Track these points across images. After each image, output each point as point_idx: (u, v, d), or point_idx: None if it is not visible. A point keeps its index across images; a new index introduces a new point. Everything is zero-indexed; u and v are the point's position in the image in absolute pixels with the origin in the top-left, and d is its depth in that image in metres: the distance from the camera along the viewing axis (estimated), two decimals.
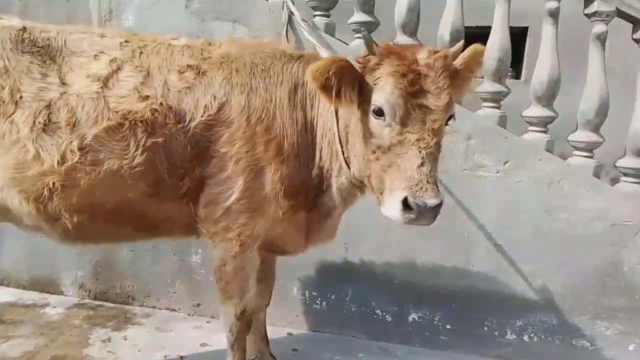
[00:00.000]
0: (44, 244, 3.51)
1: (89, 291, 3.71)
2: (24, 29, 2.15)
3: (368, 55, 1.89)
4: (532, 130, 3.06)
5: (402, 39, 3.10)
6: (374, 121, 1.85)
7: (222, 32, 3.30)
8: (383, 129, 1.82)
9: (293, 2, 3.18)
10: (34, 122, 2.00)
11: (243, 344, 2.39)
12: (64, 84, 2.06)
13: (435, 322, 3.18)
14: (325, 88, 1.87)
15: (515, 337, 3.08)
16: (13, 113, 2.01)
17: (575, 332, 3.02)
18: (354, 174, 2.09)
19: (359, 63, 1.89)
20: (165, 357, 2.96)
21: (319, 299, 3.34)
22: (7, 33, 2.11)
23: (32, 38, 2.12)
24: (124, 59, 2.16)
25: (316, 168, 2.21)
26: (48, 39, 2.14)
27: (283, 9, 3.21)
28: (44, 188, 2.03)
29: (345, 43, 3.19)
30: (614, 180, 3.10)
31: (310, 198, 2.24)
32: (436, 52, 1.89)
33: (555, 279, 3.00)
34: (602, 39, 2.88)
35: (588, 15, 2.95)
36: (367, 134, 1.88)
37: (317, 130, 2.22)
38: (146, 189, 2.11)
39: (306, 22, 3.15)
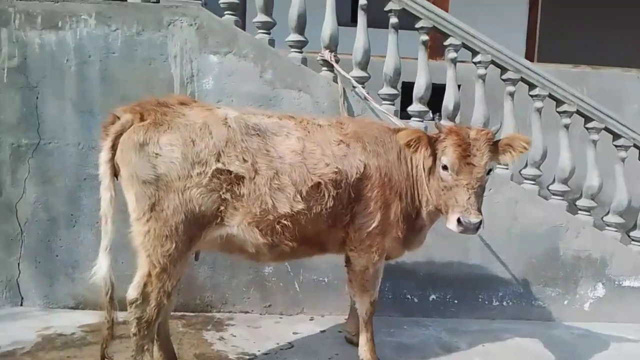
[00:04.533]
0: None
1: None
2: (241, 116, 3.09)
3: (438, 132, 3.19)
4: (500, 167, 4.68)
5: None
6: (442, 172, 3.14)
7: (289, 98, 4.37)
8: (448, 177, 3.11)
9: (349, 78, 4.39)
10: (270, 184, 2.98)
11: (372, 322, 3.57)
12: (280, 157, 3.06)
13: (447, 299, 4.64)
14: (408, 145, 3.17)
15: (498, 303, 4.67)
16: (254, 178, 2.97)
17: (533, 296, 4.70)
18: (434, 203, 3.37)
19: (433, 136, 3.20)
20: (278, 344, 3.96)
21: None
22: (237, 122, 3.03)
23: (249, 124, 3.07)
24: (304, 137, 3.20)
25: (416, 201, 3.47)
26: (257, 124, 3.11)
27: (337, 82, 4.40)
28: (277, 226, 3.02)
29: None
30: (545, 198, 4.85)
31: (412, 222, 3.51)
32: (482, 130, 3.26)
33: (520, 262, 4.65)
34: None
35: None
36: (439, 179, 3.18)
37: (414, 178, 3.47)
38: (330, 222, 3.19)
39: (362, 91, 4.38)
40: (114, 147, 2.91)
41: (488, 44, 4.47)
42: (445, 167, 3.12)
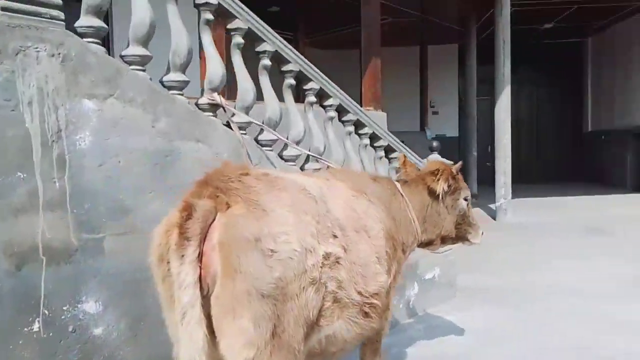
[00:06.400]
0: None
1: None
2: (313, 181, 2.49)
3: (458, 170, 3.51)
4: None
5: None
6: (463, 203, 3.53)
7: (189, 152, 3.49)
8: (466, 206, 3.55)
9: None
10: (361, 260, 2.53)
11: None
12: (349, 226, 2.59)
13: None
14: (433, 174, 3.41)
15: None
16: (346, 256, 2.45)
17: None
18: (424, 239, 3.53)
19: (454, 174, 3.48)
20: None
21: None
22: (315, 189, 2.43)
23: (319, 190, 2.50)
24: (345, 197, 2.78)
25: (401, 244, 3.48)
26: (318, 189, 2.52)
27: (232, 129, 3.79)
28: (368, 309, 2.61)
29: None
30: None
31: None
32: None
33: None
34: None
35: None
36: (456, 211, 3.51)
37: (397, 221, 3.45)
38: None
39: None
40: (199, 255, 1.85)
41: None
42: (466, 199, 3.51)
